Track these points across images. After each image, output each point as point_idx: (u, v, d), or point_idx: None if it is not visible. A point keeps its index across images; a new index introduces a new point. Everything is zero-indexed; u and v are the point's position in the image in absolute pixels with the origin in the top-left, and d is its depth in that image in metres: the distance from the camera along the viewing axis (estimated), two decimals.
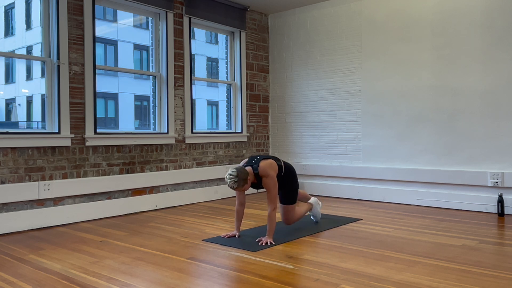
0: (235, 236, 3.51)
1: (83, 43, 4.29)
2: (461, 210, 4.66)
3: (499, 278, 2.48)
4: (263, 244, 3.25)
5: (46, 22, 4.16)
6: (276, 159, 3.58)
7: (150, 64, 5.11)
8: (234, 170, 3.24)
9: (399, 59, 5.13)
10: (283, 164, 3.60)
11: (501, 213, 4.32)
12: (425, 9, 4.92)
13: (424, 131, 4.95)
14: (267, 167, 3.39)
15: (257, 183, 3.43)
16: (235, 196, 5.78)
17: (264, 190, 6.22)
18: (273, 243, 3.29)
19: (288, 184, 3.65)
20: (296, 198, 3.73)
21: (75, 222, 4.18)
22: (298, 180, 4.99)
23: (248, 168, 3.38)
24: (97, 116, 4.39)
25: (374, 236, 3.52)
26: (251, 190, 6.06)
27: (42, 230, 3.87)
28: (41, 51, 4.17)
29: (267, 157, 3.52)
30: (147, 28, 5.22)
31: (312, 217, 4.08)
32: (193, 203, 5.27)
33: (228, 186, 3.25)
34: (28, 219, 3.87)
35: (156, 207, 4.90)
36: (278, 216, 4.30)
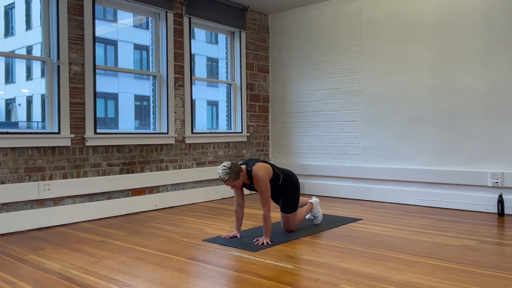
0: (236, 236, 3.51)
1: (83, 43, 4.29)
2: (461, 210, 4.66)
3: (499, 278, 2.48)
4: (260, 244, 3.28)
5: (46, 22, 4.16)
6: (274, 166, 3.60)
7: (150, 64, 5.11)
8: (229, 162, 3.29)
9: (399, 59, 5.13)
10: (282, 174, 3.61)
11: (501, 213, 4.32)
12: (425, 9, 4.92)
13: (424, 131, 4.95)
14: (261, 168, 3.40)
15: (250, 184, 3.46)
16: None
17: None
18: (270, 243, 3.30)
19: (288, 193, 3.65)
20: (297, 206, 3.73)
21: (75, 222, 4.18)
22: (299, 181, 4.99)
23: (243, 166, 3.41)
24: (97, 116, 4.39)
25: (374, 236, 3.52)
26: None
27: (42, 230, 3.87)
28: (41, 51, 4.17)
29: (266, 162, 3.54)
30: (147, 28, 5.22)
31: (312, 218, 4.07)
32: (193, 203, 5.27)
33: (219, 177, 3.29)
34: (28, 219, 3.87)
35: (156, 207, 4.90)
36: (274, 215, 4.30)
